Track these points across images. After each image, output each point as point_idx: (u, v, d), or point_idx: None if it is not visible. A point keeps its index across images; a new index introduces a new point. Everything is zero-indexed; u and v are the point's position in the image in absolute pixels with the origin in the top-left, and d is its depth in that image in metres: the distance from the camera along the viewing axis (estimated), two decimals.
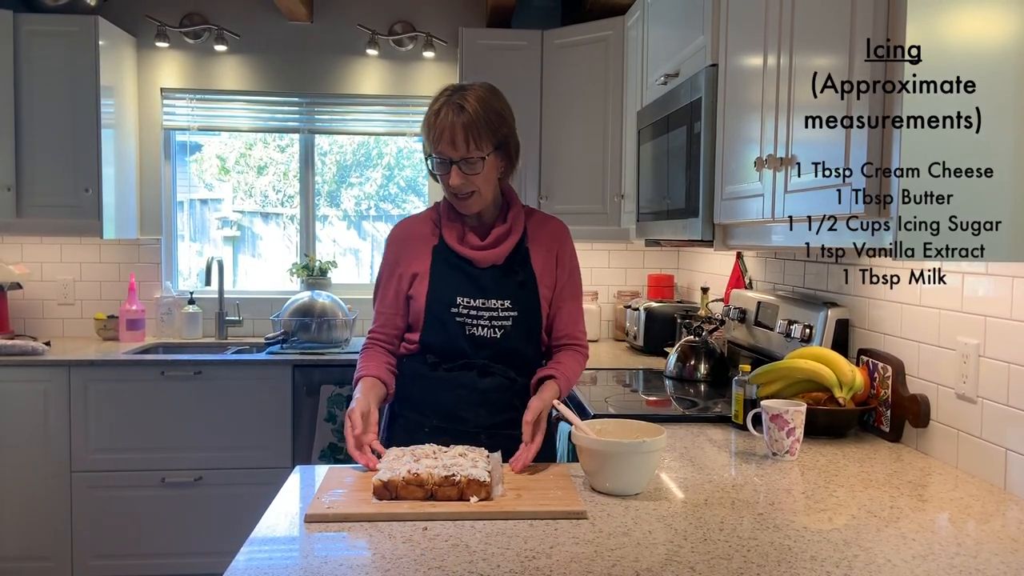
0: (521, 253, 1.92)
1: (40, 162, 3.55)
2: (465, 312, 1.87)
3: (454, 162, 1.81)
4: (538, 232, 1.97)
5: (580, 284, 2.02)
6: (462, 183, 1.82)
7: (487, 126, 1.81)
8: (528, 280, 1.91)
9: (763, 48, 1.92)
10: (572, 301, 1.98)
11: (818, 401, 2.02)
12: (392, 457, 1.60)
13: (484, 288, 1.88)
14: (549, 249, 1.96)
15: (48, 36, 3.53)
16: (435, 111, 1.81)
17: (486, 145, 1.82)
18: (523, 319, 1.89)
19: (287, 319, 3.65)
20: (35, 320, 3.94)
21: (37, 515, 3.33)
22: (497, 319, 1.88)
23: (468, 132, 1.78)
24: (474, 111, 1.79)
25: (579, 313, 2.00)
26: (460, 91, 1.83)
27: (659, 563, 1.25)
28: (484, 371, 1.88)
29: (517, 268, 1.91)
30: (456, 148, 1.79)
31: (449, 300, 1.88)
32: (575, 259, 2.01)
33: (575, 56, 3.65)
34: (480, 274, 1.89)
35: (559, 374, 1.85)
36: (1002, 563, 1.26)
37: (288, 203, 4.34)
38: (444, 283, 1.89)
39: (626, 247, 4.10)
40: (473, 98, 1.81)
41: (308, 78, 4.05)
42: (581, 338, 1.98)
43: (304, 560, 1.28)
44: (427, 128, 1.83)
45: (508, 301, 1.88)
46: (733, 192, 2.12)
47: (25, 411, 3.31)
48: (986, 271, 1.70)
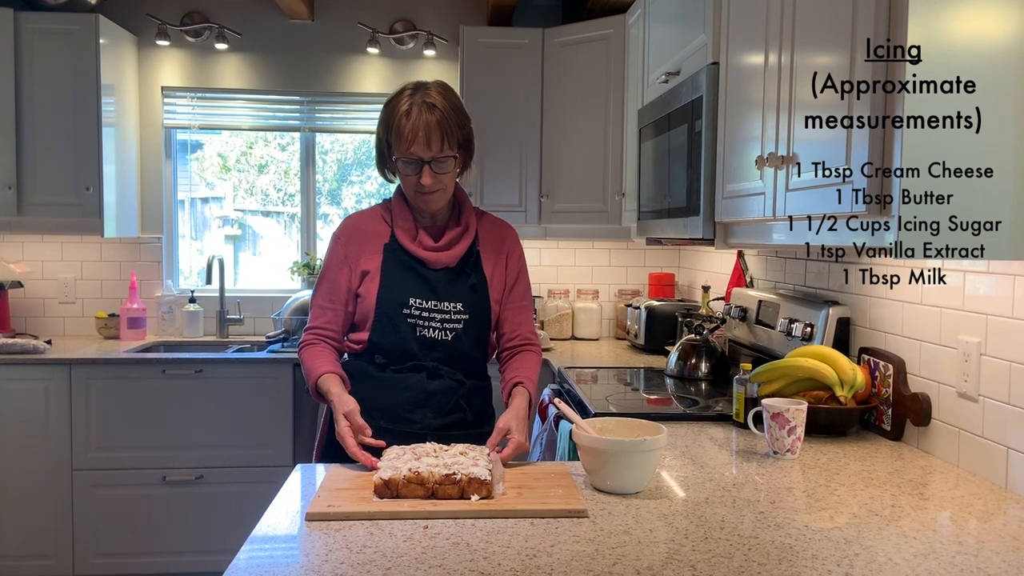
0: (473, 256, 1.91)
1: (41, 160, 3.55)
2: (417, 313, 1.85)
3: (425, 162, 1.78)
4: (488, 235, 1.96)
5: (529, 289, 2.02)
6: (433, 182, 1.80)
7: (456, 124, 1.80)
8: (479, 283, 1.90)
9: (764, 46, 1.92)
10: (522, 303, 1.98)
11: (819, 400, 2.02)
12: (393, 456, 1.60)
13: (437, 290, 1.86)
14: (499, 252, 1.95)
15: (49, 34, 3.53)
16: (405, 111, 1.77)
17: (456, 143, 1.81)
18: (474, 322, 1.89)
19: (288, 318, 3.66)
20: (36, 319, 3.94)
21: (38, 513, 3.34)
22: (449, 321, 1.87)
23: (443, 131, 1.76)
24: (444, 109, 1.77)
25: (529, 316, 2.00)
26: (422, 89, 1.80)
27: (660, 561, 1.25)
28: (433, 373, 1.87)
29: (469, 271, 1.89)
30: (431, 148, 1.77)
31: (401, 300, 1.85)
32: (524, 261, 2.01)
33: (576, 54, 3.65)
34: (433, 275, 1.87)
35: (525, 379, 1.85)
36: (1003, 562, 1.26)
37: (289, 201, 4.34)
38: (396, 283, 1.86)
39: (627, 245, 4.10)
40: (438, 95, 1.79)
41: (309, 76, 4.05)
42: (533, 338, 1.97)
43: (305, 558, 1.28)
44: (395, 129, 1.78)
45: (460, 304, 1.87)
46: (734, 191, 2.12)
47: (26, 410, 3.31)
48: (987, 269, 1.70)
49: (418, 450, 1.62)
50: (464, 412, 1.89)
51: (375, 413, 1.80)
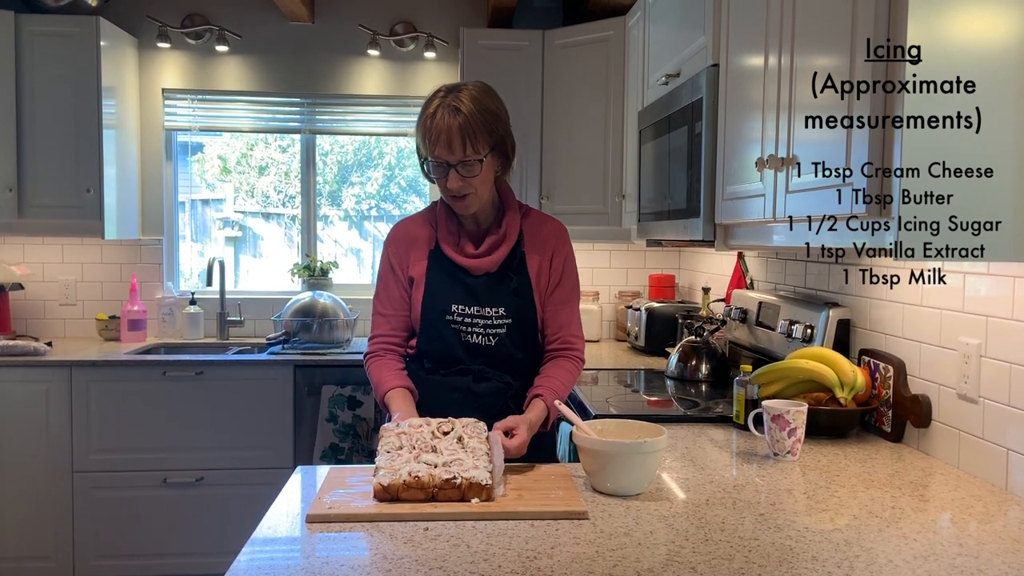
0: (516, 258, 1.90)
1: (42, 163, 3.55)
2: (460, 320, 1.87)
3: (451, 165, 1.78)
4: (535, 234, 1.94)
5: (576, 287, 1.98)
6: (460, 186, 1.80)
7: (483, 127, 1.78)
8: (522, 286, 1.89)
9: (764, 48, 1.92)
10: (566, 303, 1.94)
11: (819, 401, 2.02)
12: (390, 448, 1.57)
13: (478, 296, 1.87)
14: (544, 250, 1.93)
15: (50, 37, 3.53)
16: (430, 113, 1.78)
17: (483, 146, 1.79)
18: (517, 326, 1.88)
19: (288, 319, 3.66)
20: (37, 321, 3.94)
21: (39, 515, 3.34)
22: (491, 327, 1.87)
23: (465, 135, 1.75)
24: (469, 112, 1.76)
25: (574, 316, 1.95)
26: (454, 91, 1.79)
27: (660, 563, 1.25)
28: (479, 376, 1.88)
29: (512, 275, 1.88)
30: (453, 152, 1.76)
31: (444, 307, 1.87)
32: (572, 261, 1.97)
33: (576, 56, 3.65)
34: (474, 282, 1.87)
35: (546, 391, 1.83)
36: (1003, 563, 1.26)
37: (289, 203, 4.35)
38: (439, 290, 1.88)
39: (627, 247, 4.10)
40: (468, 98, 1.78)
41: (309, 78, 4.05)
42: (574, 342, 1.93)
43: (305, 560, 1.28)
44: (422, 131, 1.80)
45: (502, 308, 1.87)
46: (734, 192, 2.12)
47: (27, 412, 3.31)
48: (987, 271, 1.70)
49: (415, 438, 1.59)
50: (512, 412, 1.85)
51: (424, 414, 1.80)
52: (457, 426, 1.64)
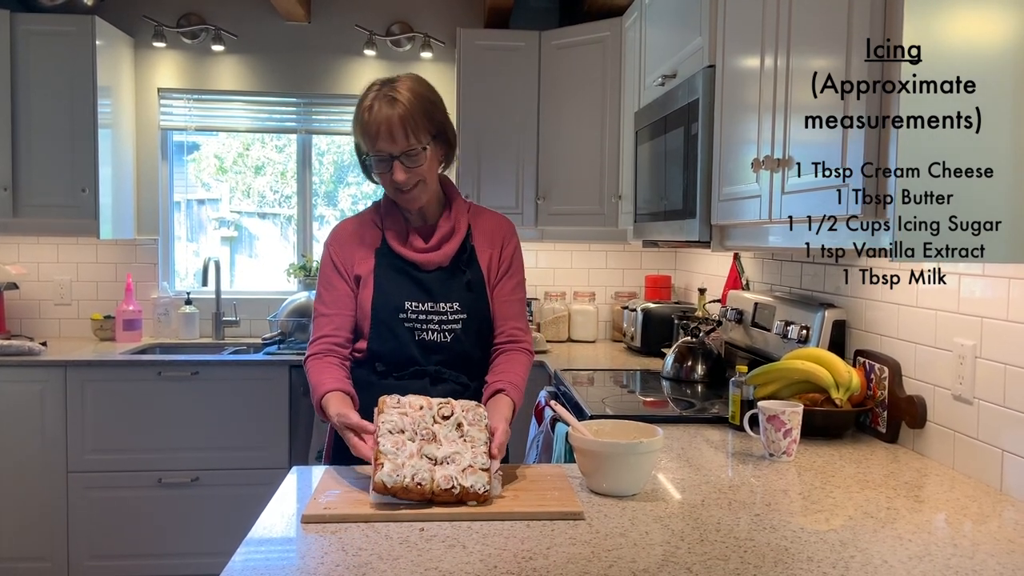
0: (467, 252, 1.86)
1: (37, 162, 3.54)
2: (414, 317, 1.81)
3: (395, 157, 1.74)
4: (483, 227, 1.90)
5: (523, 281, 1.93)
6: (407, 177, 1.75)
7: (423, 114, 1.74)
8: (475, 280, 1.85)
9: (760, 49, 1.92)
10: (512, 296, 1.90)
11: (815, 402, 2.02)
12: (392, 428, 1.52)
13: (431, 291, 1.82)
14: (493, 243, 1.89)
15: (45, 36, 3.52)
16: (367, 107, 1.73)
17: (424, 135, 1.75)
18: (472, 320, 1.84)
19: (284, 319, 3.65)
20: (32, 320, 3.93)
21: (34, 516, 3.33)
22: (446, 322, 1.82)
23: (405, 124, 1.71)
24: (407, 101, 1.72)
25: (521, 310, 1.91)
26: (389, 83, 1.75)
27: (656, 564, 1.25)
28: (436, 378, 1.82)
29: (464, 268, 1.84)
30: (396, 142, 1.72)
31: (397, 305, 1.81)
32: (519, 255, 1.93)
33: (573, 57, 3.65)
34: (426, 277, 1.83)
35: (508, 385, 1.76)
36: (998, 564, 1.26)
37: (286, 203, 4.34)
38: (390, 287, 1.82)
39: (623, 248, 4.11)
40: (404, 88, 1.74)
41: (306, 78, 4.05)
42: (521, 336, 1.88)
43: (301, 561, 1.28)
44: (361, 126, 1.75)
45: (456, 303, 1.82)
46: (730, 193, 2.12)
47: (21, 411, 3.31)
48: (983, 272, 1.70)
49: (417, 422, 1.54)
50: None
51: None
52: (457, 410, 1.59)
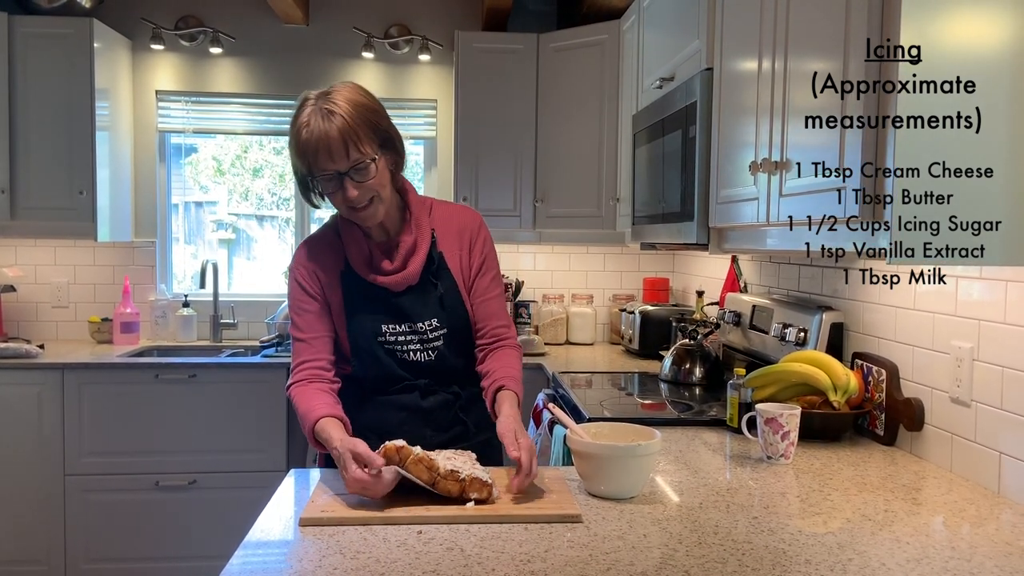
0: (435, 262, 1.77)
1: (35, 164, 3.54)
2: (393, 339, 1.74)
3: (343, 174, 1.61)
4: (447, 228, 1.81)
5: (498, 275, 1.86)
6: (359, 195, 1.63)
7: (366, 125, 1.61)
8: (448, 290, 1.77)
9: (758, 52, 1.93)
10: (490, 293, 1.82)
11: (813, 405, 2.02)
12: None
13: (407, 313, 1.74)
14: (461, 242, 1.81)
15: (43, 38, 3.52)
16: (304, 123, 1.60)
17: (369, 146, 1.62)
18: (454, 334, 1.78)
19: (282, 322, 3.65)
20: (29, 323, 3.92)
21: (30, 518, 3.32)
22: (428, 341, 1.76)
23: (346, 137, 1.58)
24: (346, 112, 1.59)
25: (500, 307, 1.83)
26: (324, 96, 1.63)
27: (654, 567, 1.25)
28: (426, 391, 1.78)
29: (435, 280, 1.77)
30: (336, 160, 1.59)
31: (374, 330, 1.74)
32: (491, 248, 1.85)
33: (571, 60, 3.66)
34: (398, 299, 1.74)
35: (507, 379, 1.71)
36: (996, 567, 1.26)
37: (283, 206, 4.34)
38: (363, 316, 1.74)
39: (621, 250, 4.11)
40: (341, 99, 1.61)
41: (304, 81, 4.03)
42: (504, 333, 1.82)
43: (298, 564, 1.27)
44: (297, 146, 1.62)
45: (434, 319, 1.75)
46: (728, 196, 2.12)
47: (19, 414, 3.30)
48: (980, 274, 1.70)
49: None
50: (464, 424, 1.82)
51: (370, 435, 1.59)
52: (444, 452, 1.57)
